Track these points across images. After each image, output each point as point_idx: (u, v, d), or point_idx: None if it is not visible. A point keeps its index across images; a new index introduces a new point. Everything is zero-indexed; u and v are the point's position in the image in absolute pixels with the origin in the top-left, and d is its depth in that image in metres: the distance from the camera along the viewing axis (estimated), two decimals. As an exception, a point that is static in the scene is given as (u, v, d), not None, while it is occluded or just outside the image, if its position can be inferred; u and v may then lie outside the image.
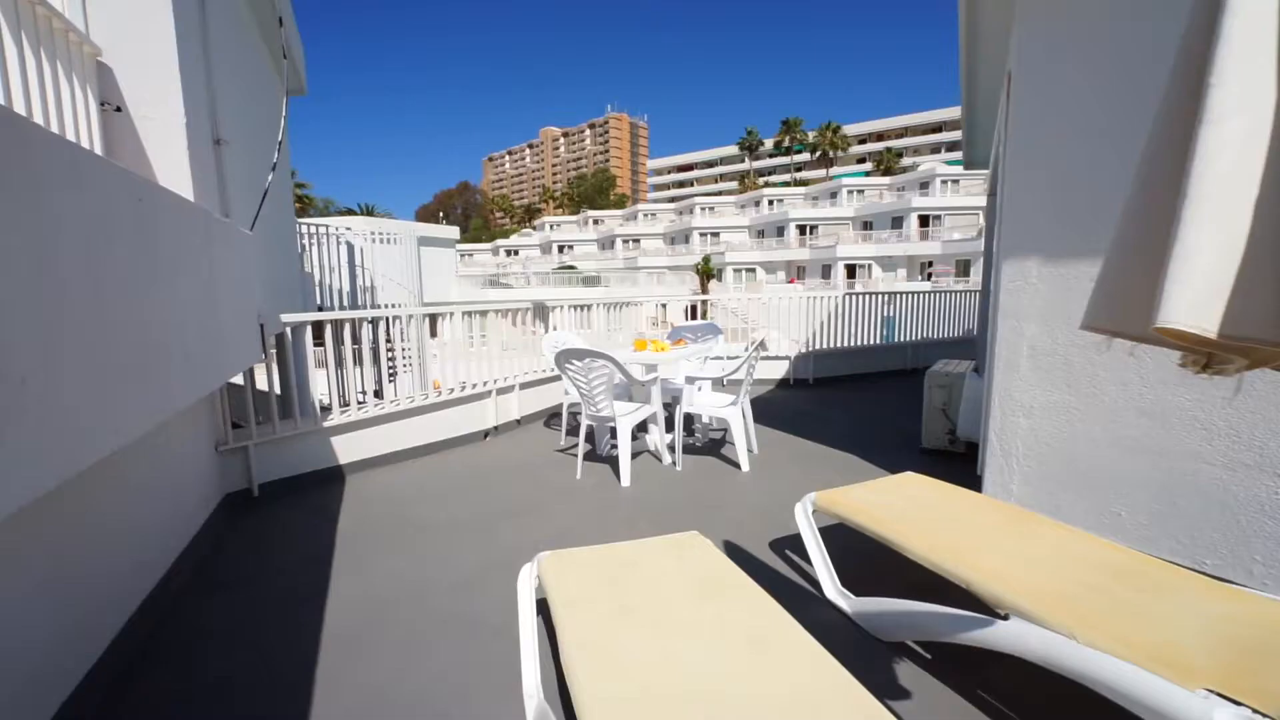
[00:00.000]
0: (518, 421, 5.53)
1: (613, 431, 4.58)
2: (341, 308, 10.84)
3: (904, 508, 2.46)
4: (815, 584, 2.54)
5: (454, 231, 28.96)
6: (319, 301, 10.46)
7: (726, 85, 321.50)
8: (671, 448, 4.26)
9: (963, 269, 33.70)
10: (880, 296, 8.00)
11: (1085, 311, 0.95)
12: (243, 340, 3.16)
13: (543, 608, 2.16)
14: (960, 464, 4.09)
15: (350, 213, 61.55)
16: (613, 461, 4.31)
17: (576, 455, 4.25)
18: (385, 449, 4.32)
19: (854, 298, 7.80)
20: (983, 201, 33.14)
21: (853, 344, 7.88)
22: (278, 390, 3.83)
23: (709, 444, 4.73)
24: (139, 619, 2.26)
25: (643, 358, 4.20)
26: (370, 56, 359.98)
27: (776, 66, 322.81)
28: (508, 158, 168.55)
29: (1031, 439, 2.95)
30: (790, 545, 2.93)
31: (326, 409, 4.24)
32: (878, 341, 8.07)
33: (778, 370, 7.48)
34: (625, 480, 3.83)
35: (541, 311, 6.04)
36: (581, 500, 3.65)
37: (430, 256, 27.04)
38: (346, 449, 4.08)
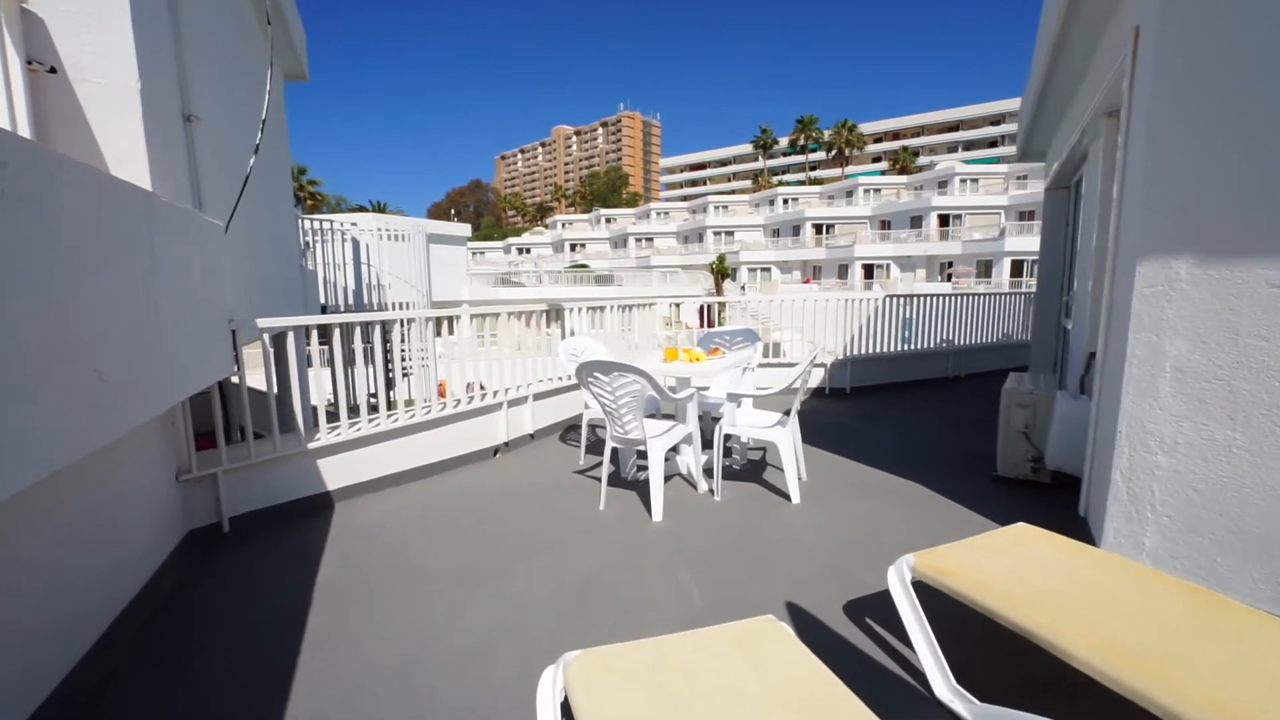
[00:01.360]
0: (531, 436, 4.99)
1: (640, 453, 4.03)
2: (347, 307, 10.39)
3: (1035, 579, 1.89)
4: (917, 673, 1.97)
5: (465, 229, 28.56)
6: (324, 300, 10.01)
7: (739, 85, 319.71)
8: (709, 472, 3.71)
9: (984, 270, 32.78)
10: (921, 300, 7.37)
11: None
12: (205, 350, 2.64)
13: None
14: (1050, 499, 3.49)
15: (362, 209, 61.53)
16: (639, 486, 3.77)
17: (598, 479, 3.71)
18: (381, 471, 3.80)
19: (896, 300, 7.18)
20: (1003, 200, 32.34)
21: (891, 350, 7.26)
22: (271, 404, 3.32)
23: (748, 466, 4.16)
24: (51, 712, 1.74)
25: (675, 369, 3.64)
26: (385, 55, 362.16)
27: (789, 66, 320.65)
28: (520, 156, 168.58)
29: (1174, 483, 2.35)
30: (872, 610, 2.36)
31: (334, 417, 3.73)
32: (922, 346, 7.43)
33: (812, 378, 6.89)
34: (657, 514, 3.27)
35: (556, 313, 5.50)
36: (606, 536, 3.10)
37: (441, 254, 26.64)
38: (336, 473, 3.56)
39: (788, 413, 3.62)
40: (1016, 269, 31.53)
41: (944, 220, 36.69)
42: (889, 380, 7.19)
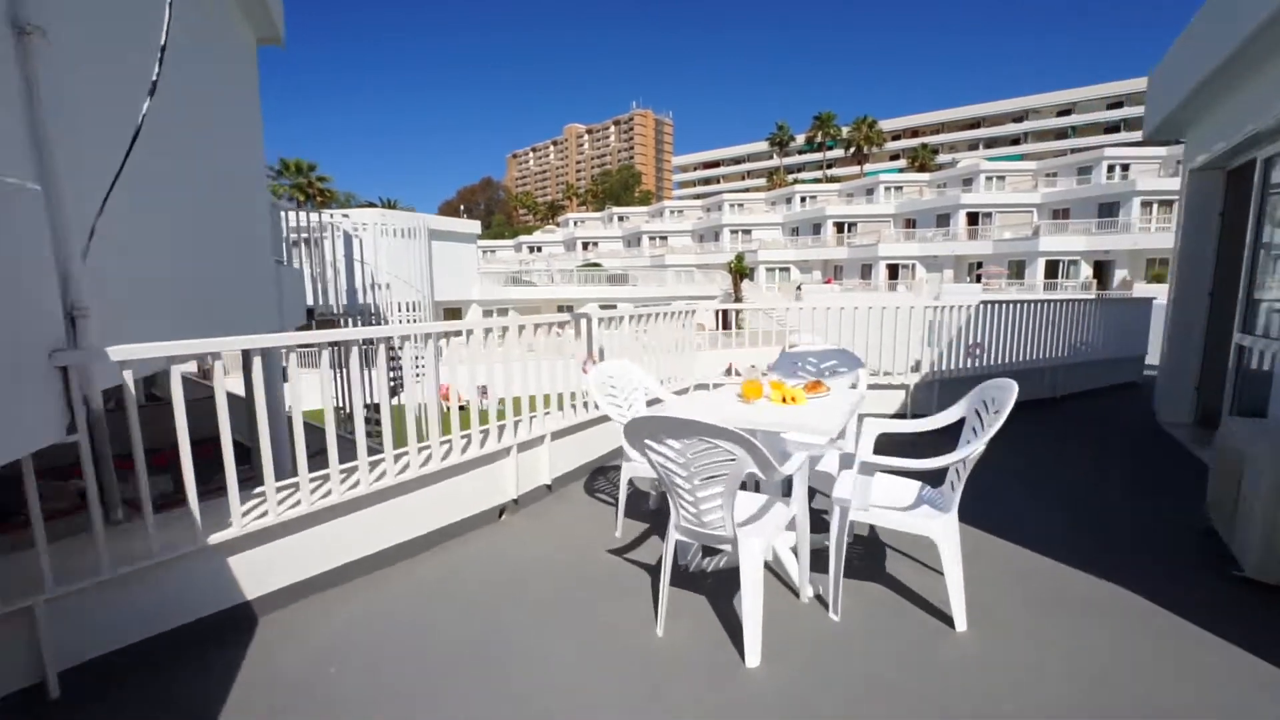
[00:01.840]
0: (548, 487, 3.81)
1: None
2: (341, 310, 9.29)
3: None
4: None
5: (474, 226, 27.50)
6: (313, 303, 8.91)
7: (752, 83, 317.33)
8: (827, 574, 2.49)
9: (1016, 270, 31.23)
10: (1014, 307, 6.08)
11: None
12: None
13: None
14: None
15: (371, 206, 60.91)
16: (706, 582, 2.57)
17: (642, 565, 2.54)
18: (333, 560, 2.62)
19: (994, 308, 5.89)
20: (1034, 198, 30.94)
21: (982, 364, 5.99)
22: (140, 478, 2.13)
23: (859, 554, 2.93)
24: None
25: (765, 416, 2.44)
26: (399, 53, 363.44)
27: (802, 65, 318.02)
28: (532, 154, 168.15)
29: None
30: None
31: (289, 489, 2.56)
32: (1016, 360, 6.14)
33: (886, 402, 5.64)
34: (752, 655, 2.07)
35: (582, 324, 4.31)
36: (674, 696, 1.91)
37: (449, 252, 25.59)
38: (261, 571, 2.38)
39: (937, 482, 2.41)
40: (1051, 270, 29.97)
41: (972, 219, 35.13)
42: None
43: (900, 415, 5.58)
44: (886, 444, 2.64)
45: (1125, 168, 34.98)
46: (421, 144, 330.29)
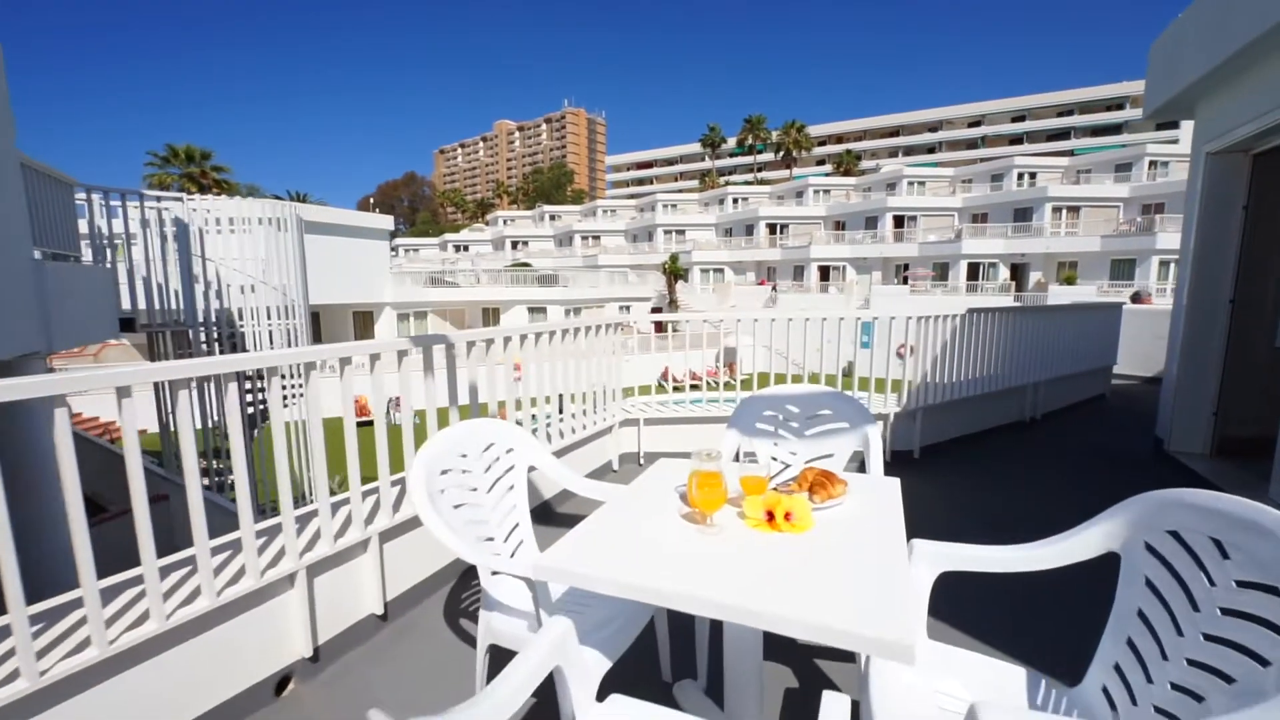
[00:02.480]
0: (381, 617, 2.37)
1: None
2: (174, 318, 7.32)
3: None
4: None
5: (385, 221, 24.99)
6: (130, 308, 6.92)
7: (684, 86, 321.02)
8: None
9: (941, 272, 32.07)
10: (997, 317, 5.13)
11: None
12: None
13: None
14: None
15: (277, 199, 55.69)
16: None
17: None
18: None
19: (982, 317, 4.91)
20: (956, 202, 31.75)
21: (962, 386, 5.01)
22: None
23: None
24: None
25: (735, 584, 1.15)
26: (323, 45, 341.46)
27: (733, 70, 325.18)
28: (460, 150, 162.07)
29: None
30: None
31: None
32: (986, 374, 5.20)
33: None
34: None
35: (436, 355, 2.86)
36: None
37: (356, 249, 23.06)
38: None
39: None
40: (973, 272, 30.93)
41: (899, 221, 35.93)
42: (961, 432, 4.96)
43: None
44: (956, 593, 1.41)
45: (1033, 175, 36.91)
46: (343, 140, 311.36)
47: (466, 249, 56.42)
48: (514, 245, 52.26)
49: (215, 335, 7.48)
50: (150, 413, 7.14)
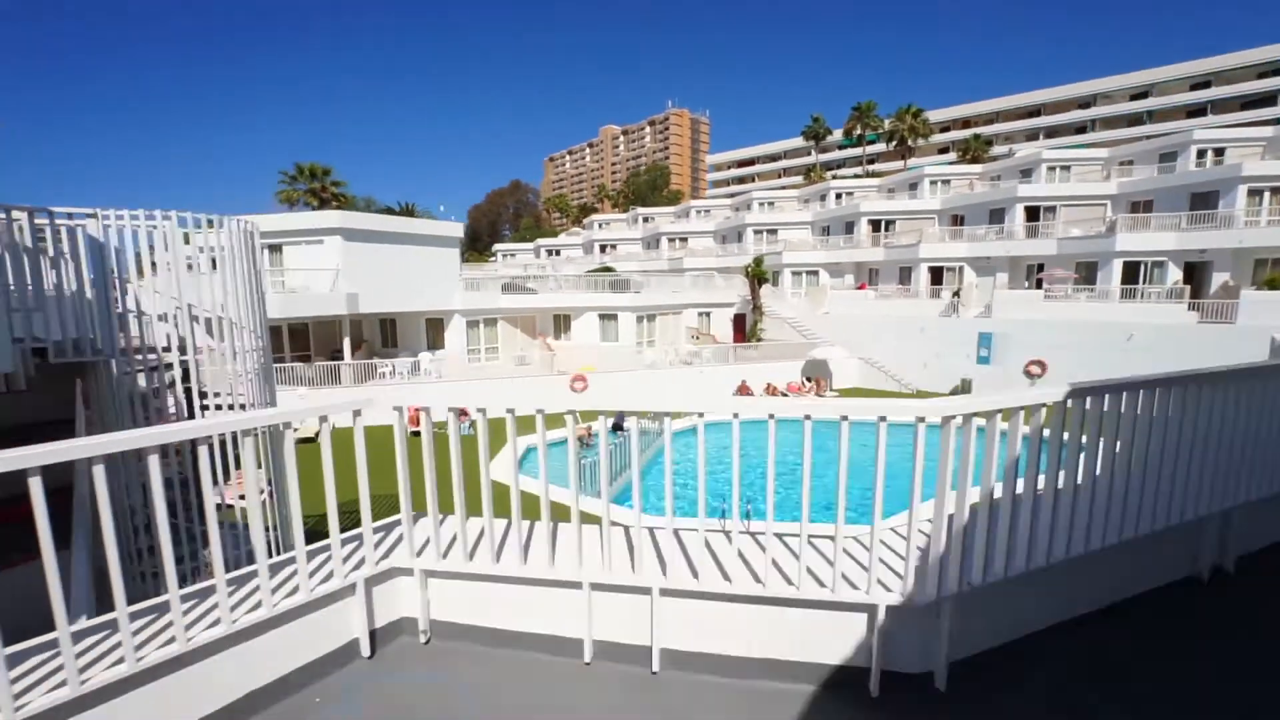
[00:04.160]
0: None
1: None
2: (96, 350, 6.59)
3: None
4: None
5: (455, 228, 24.88)
6: (25, 337, 6.23)
7: (790, 79, 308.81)
8: None
9: (1086, 274, 26.57)
10: (1180, 391, 2.66)
11: None
12: None
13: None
14: None
15: (390, 211, 59.66)
16: None
17: None
18: None
19: (1104, 400, 2.53)
20: (1109, 188, 26.07)
21: (1055, 531, 2.65)
22: None
23: None
24: None
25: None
26: (429, 57, 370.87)
27: (845, 58, 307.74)
28: (568, 157, 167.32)
29: None
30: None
31: None
32: (1125, 504, 2.76)
33: (831, 642, 2.40)
34: None
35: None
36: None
37: (425, 257, 23.14)
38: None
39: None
40: (1130, 273, 25.21)
41: (1032, 214, 30.49)
42: (1049, 619, 2.62)
43: (861, 687, 2.30)
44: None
45: (1219, 151, 29.74)
46: (455, 150, 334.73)
47: (559, 253, 56.96)
48: (602, 249, 51.82)
49: (145, 366, 6.68)
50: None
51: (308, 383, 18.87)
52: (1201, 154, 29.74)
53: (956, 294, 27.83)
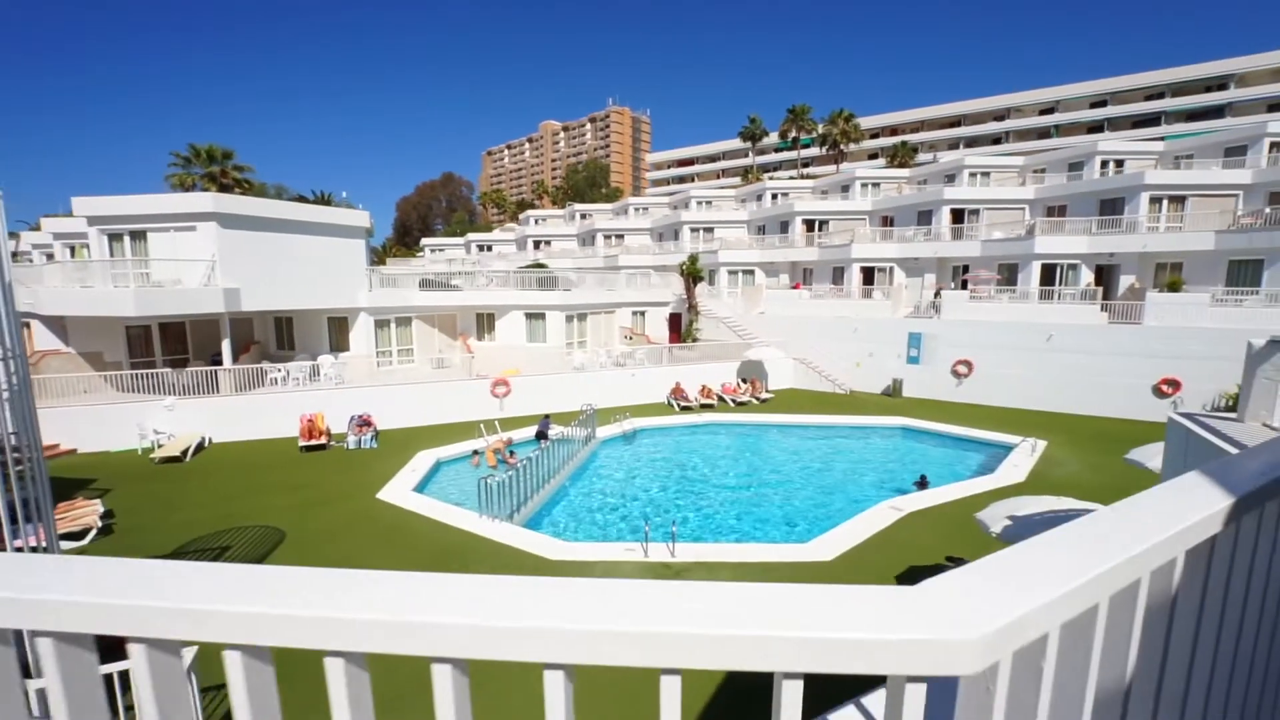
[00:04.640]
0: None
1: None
2: None
3: None
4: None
5: (359, 217, 22.46)
6: None
7: (731, 81, 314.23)
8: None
9: (1008, 275, 27.34)
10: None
11: None
12: None
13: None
14: None
15: (302, 199, 55.25)
16: None
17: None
18: None
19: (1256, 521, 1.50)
20: (1027, 193, 26.82)
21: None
22: None
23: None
24: None
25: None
26: (368, 49, 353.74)
27: (784, 63, 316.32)
28: (507, 152, 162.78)
29: None
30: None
31: None
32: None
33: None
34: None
35: None
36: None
37: (321, 250, 20.76)
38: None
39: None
40: (1048, 275, 26.07)
41: (957, 217, 31.27)
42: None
43: None
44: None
45: (1120, 163, 31.49)
46: (388, 143, 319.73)
47: (490, 249, 54.50)
48: (536, 245, 49.89)
49: None
50: None
51: (178, 392, 16.33)
52: (1105, 164, 31.38)
53: (885, 295, 28.01)
